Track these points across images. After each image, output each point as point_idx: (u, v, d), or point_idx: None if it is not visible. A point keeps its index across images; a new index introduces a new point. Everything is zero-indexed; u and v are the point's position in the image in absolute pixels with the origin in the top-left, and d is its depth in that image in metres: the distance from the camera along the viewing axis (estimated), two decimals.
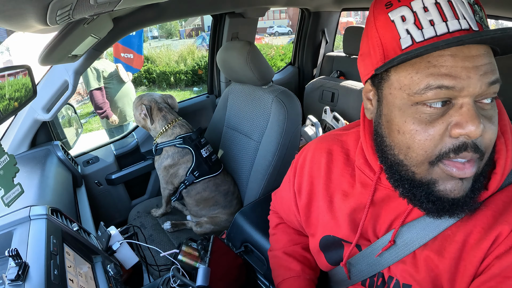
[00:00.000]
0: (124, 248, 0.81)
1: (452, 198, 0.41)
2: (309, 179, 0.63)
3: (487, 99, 0.39)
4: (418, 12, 0.39)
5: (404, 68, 0.40)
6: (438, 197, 0.41)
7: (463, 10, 0.38)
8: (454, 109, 0.38)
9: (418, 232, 0.48)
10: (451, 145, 0.39)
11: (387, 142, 0.45)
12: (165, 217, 1.50)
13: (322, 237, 0.61)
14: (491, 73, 0.37)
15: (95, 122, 5.65)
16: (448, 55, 0.37)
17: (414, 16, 0.39)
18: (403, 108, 0.41)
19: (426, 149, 0.40)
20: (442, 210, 0.42)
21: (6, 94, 0.60)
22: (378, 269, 0.54)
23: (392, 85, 0.42)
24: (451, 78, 0.37)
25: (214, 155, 1.40)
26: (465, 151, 0.38)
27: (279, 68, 2.59)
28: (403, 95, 0.41)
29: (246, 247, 0.96)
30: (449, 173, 0.40)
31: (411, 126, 0.40)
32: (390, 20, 0.41)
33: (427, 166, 0.41)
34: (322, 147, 0.63)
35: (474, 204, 0.42)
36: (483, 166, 0.41)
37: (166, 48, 8.93)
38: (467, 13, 0.38)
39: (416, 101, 0.39)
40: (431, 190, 0.42)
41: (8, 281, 0.52)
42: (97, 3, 0.48)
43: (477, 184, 0.41)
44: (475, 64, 0.37)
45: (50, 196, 0.99)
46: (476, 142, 0.38)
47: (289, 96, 1.27)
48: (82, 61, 1.15)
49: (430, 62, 0.38)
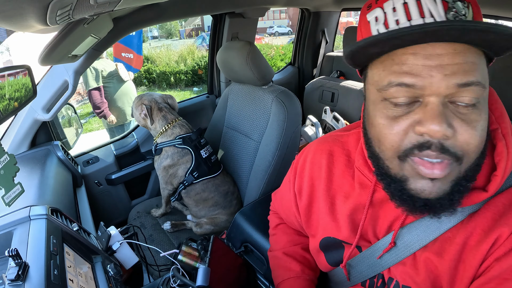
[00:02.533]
0: (124, 248, 0.81)
1: (423, 198, 0.41)
2: (309, 180, 0.63)
3: (461, 103, 0.38)
4: (388, 12, 0.40)
5: (376, 66, 0.42)
6: (410, 195, 0.42)
7: (432, 7, 0.37)
8: (420, 107, 0.39)
9: (419, 234, 0.48)
10: (415, 141, 0.39)
11: (369, 135, 0.47)
12: (165, 217, 1.50)
13: (322, 238, 0.61)
14: (462, 74, 0.36)
15: (95, 122, 5.65)
16: (410, 53, 0.38)
17: (384, 17, 0.40)
18: (375, 103, 0.43)
19: (392, 143, 0.41)
20: (415, 208, 0.42)
21: (6, 94, 0.60)
22: (378, 270, 0.54)
23: (368, 81, 0.45)
24: (411, 76, 0.38)
25: (213, 155, 1.40)
26: (428, 149, 0.38)
27: (279, 68, 2.59)
28: (374, 90, 0.43)
29: (246, 247, 0.96)
30: (418, 172, 0.40)
31: (380, 120, 0.42)
32: (367, 21, 0.43)
33: (398, 161, 0.42)
34: (323, 148, 0.63)
35: (453, 207, 0.41)
36: (467, 170, 0.40)
37: (166, 48, 8.94)
38: (436, 11, 0.37)
39: (384, 97, 0.41)
40: (403, 187, 0.42)
41: (8, 281, 0.52)
42: (97, 3, 0.48)
43: (458, 187, 0.40)
44: (439, 63, 0.36)
45: (50, 196, 0.99)
46: (444, 143, 0.38)
47: (289, 96, 1.27)
48: (82, 61, 1.15)
49: (393, 60, 0.39)
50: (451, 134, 0.37)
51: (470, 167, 0.40)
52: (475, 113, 0.38)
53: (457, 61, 0.36)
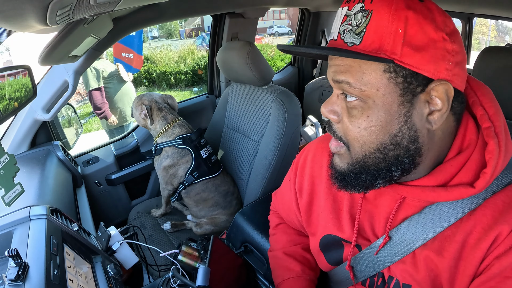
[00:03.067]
0: (124, 248, 0.81)
1: (334, 167, 0.51)
2: (310, 178, 0.64)
3: (349, 96, 0.45)
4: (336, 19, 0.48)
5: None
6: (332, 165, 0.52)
7: (338, 23, 0.45)
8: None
9: (418, 231, 0.48)
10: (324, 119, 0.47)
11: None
12: (165, 217, 1.49)
13: (322, 236, 0.61)
14: (337, 73, 0.45)
15: (95, 122, 5.65)
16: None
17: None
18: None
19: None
20: (334, 178, 0.51)
21: (6, 94, 0.60)
22: (378, 269, 0.54)
23: None
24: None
25: (213, 156, 1.40)
26: (328, 129, 0.49)
27: (279, 68, 2.59)
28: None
29: (246, 247, 0.96)
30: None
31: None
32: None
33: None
34: (323, 147, 0.63)
35: (351, 188, 0.48)
36: (359, 160, 0.46)
37: (166, 48, 8.94)
38: (335, 25, 0.45)
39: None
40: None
41: (8, 281, 0.52)
42: (97, 3, 0.48)
43: (350, 173, 0.48)
44: (330, 64, 0.46)
45: (50, 196, 0.99)
46: (333, 125, 0.48)
47: (289, 96, 1.27)
48: (82, 61, 1.15)
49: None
50: (336, 120, 0.47)
51: (361, 160, 0.46)
52: (356, 110, 0.44)
53: (336, 63, 0.45)
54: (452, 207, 0.46)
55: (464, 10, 1.66)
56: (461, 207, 0.46)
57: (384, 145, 0.44)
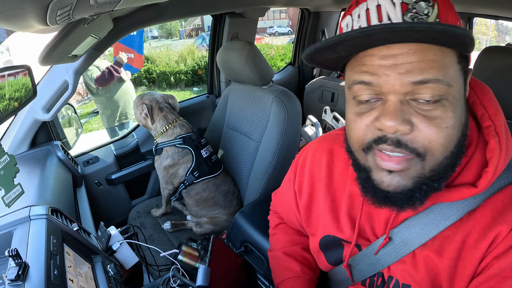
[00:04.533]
0: (124, 248, 0.81)
1: (383, 189, 0.43)
2: (310, 179, 0.63)
3: (422, 99, 0.39)
4: (354, 19, 0.43)
5: (347, 67, 0.46)
6: (373, 185, 0.45)
7: (390, 11, 0.39)
8: (380, 105, 0.42)
9: (418, 232, 0.49)
10: (374, 136, 0.42)
11: (345, 130, 0.50)
12: (165, 217, 1.50)
13: (322, 236, 0.61)
14: (416, 72, 0.38)
15: (95, 122, 5.65)
16: (368, 55, 0.41)
17: (352, 23, 0.43)
18: (348, 100, 0.47)
19: (357, 137, 0.44)
20: (377, 199, 0.45)
21: (6, 94, 0.60)
22: (378, 269, 0.54)
23: (345, 82, 0.48)
24: (369, 74, 0.41)
25: (214, 155, 1.40)
26: (384, 143, 0.41)
27: (279, 68, 2.59)
28: (347, 89, 0.46)
29: (246, 247, 0.96)
30: (377, 163, 0.43)
31: (350, 116, 0.46)
32: (341, 27, 0.46)
33: (363, 153, 0.45)
34: (323, 147, 0.63)
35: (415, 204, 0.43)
36: (433, 170, 0.41)
37: (166, 48, 8.94)
38: (394, 13, 0.39)
39: (352, 95, 0.44)
40: (368, 176, 0.45)
41: (8, 281, 0.52)
42: (97, 3, 0.48)
43: (421, 186, 0.42)
44: (394, 63, 0.39)
45: (50, 196, 0.99)
46: (401, 138, 0.40)
47: (289, 96, 1.27)
48: (82, 61, 1.15)
49: (358, 62, 0.42)
50: (409, 130, 0.39)
51: (436, 166, 0.41)
52: (439, 110, 0.39)
53: (412, 60, 0.38)
54: (452, 208, 0.46)
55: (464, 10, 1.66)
56: (461, 207, 0.46)
57: (459, 139, 0.42)
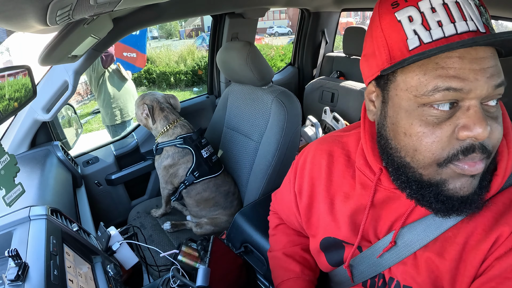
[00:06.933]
0: (124, 248, 0.81)
1: (461, 196, 0.41)
2: (310, 180, 0.63)
3: (492, 101, 0.39)
4: (425, 12, 0.38)
5: (411, 69, 0.40)
6: (448, 196, 0.41)
7: (470, 11, 0.37)
8: (461, 111, 0.38)
9: (419, 233, 0.48)
10: (459, 147, 0.39)
11: (392, 145, 0.45)
12: (165, 217, 1.50)
13: (322, 238, 0.61)
14: (497, 76, 0.37)
15: (95, 122, 5.65)
16: (456, 57, 0.37)
17: (422, 17, 0.38)
18: (410, 110, 0.41)
19: (433, 151, 0.40)
20: (452, 209, 0.42)
21: (6, 94, 0.60)
22: (379, 270, 0.54)
23: (398, 86, 0.42)
24: (459, 80, 0.37)
25: (214, 155, 1.40)
26: (473, 152, 0.38)
27: (279, 68, 2.59)
28: (409, 96, 0.40)
29: (246, 247, 0.96)
30: (461, 171, 0.39)
31: (418, 129, 0.40)
32: (396, 20, 0.40)
33: (435, 167, 0.41)
34: (322, 148, 0.62)
35: (480, 202, 0.42)
36: (489, 164, 0.42)
37: (166, 48, 8.93)
38: (474, 15, 0.37)
39: (423, 102, 0.39)
40: (440, 190, 0.42)
41: (8, 281, 0.52)
42: (97, 3, 0.48)
43: (484, 182, 0.42)
44: (482, 66, 0.37)
45: (50, 196, 0.99)
46: (484, 143, 0.38)
47: (289, 96, 1.27)
48: (82, 61, 1.15)
49: (438, 64, 0.37)
50: (490, 134, 0.38)
51: (491, 160, 0.42)
52: (498, 109, 0.40)
53: (493, 63, 0.37)
54: None
55: None
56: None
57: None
